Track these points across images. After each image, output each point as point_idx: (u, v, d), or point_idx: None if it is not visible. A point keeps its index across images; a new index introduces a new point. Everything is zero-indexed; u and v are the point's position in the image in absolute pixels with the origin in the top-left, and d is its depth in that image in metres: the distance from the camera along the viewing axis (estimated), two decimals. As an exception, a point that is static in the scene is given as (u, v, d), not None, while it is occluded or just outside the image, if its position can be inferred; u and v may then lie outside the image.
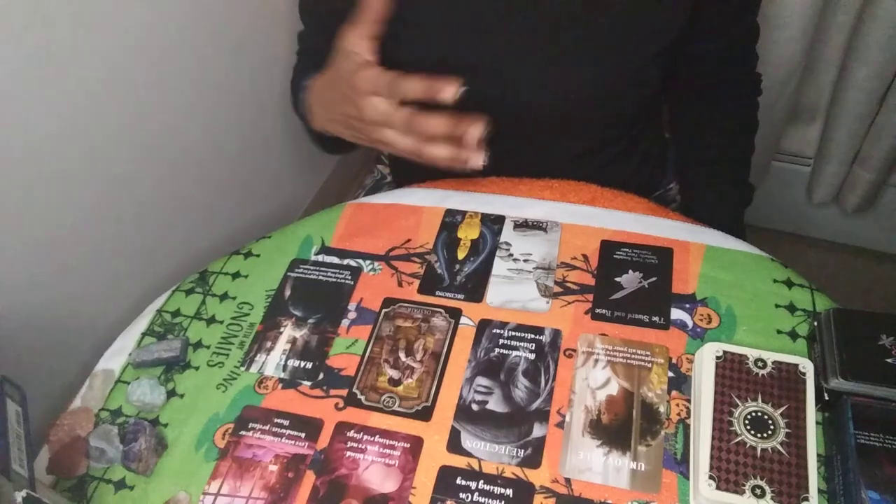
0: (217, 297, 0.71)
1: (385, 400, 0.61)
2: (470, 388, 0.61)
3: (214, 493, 0.57)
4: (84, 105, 0.72)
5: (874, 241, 1.42)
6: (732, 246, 0.69)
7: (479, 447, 0.57)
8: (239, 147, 1.00)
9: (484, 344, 0.64)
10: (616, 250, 0.69)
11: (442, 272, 0.70)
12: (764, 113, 0.83)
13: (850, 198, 1.31)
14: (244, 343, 0.67)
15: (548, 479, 0.55)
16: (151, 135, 0.82)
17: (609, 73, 0.71)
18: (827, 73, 1.16)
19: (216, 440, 0.60)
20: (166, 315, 0.71)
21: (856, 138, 1.20)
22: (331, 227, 0.76)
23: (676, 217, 0.72)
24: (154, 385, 0.63)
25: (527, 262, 0.70)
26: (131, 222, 0.82)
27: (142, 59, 0.77)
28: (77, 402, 0.65)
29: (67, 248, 0.74)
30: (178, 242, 0.91)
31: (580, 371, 0.61)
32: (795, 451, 0.52)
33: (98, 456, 0.59)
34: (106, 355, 0.68)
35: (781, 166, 1.35)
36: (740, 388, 0.56)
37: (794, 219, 1.44)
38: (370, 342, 0.65)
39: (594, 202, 0.74)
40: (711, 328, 0.63)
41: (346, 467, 0.57)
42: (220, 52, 0.91)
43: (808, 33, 1.06)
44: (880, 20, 1.01)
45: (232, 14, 0.92)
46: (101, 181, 0.76)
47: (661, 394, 0.59)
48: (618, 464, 0.55)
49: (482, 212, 0.75)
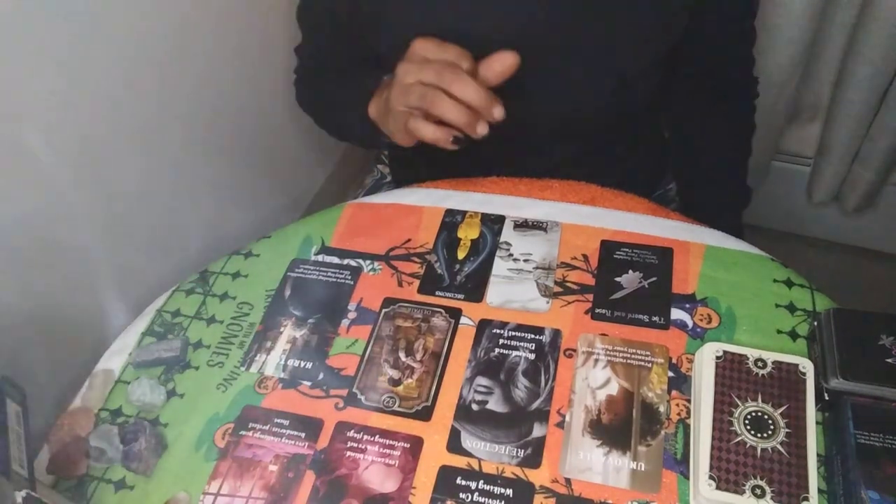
0: (217, 297, 0.71)
1: (385, 400, 0.61)
2: (470, 387, 0.61)
3: (214, 493, 0.57)
4: (84, 104, 0.72)
5: (874, 241, 1.42)
6: (732, 246, 0.69)
7: (479, 447, 0.57)
8: (239, 147, 1.00)
9: (484, 344, 0.64)
10: (616, 250, 0.69)
11: (442, 272, 0.70)
12: (764, 113, 0.83)
13: (850, 197, 1.31)
14: (244, 343, 0.67)
15: (548, 479, 0.55)
16: (152, 135, 0.82)
17: (607, 77, 0.71)
18: (827, 73, 1.16)
19: (216, 440, 0.60)
20: (166, 315, 0.71)
21: (856, 138, 1.20)
22: (331, 226, 0.76)
23: (676, 217, 0.72)
24: (154, 385, 0.63)
25: (527, 262, 0.70)
26: (131, 222, 0.82)
27: (142, 59, 0.77)
28: (77, 402, 0.65)
29: (68, 247, 0.74)
30: (178, 242, 0.91)
31: (580, 371, 0.61)
32: (795, 451, 0.52)
33: (98, 456, 0.59)
34: (106, 355, 0.68)
35: (781, 166, 1.35)
36: (740, 388, 0.56)
37: (794, 219, 1.44)
38: (370, 342, 0.65)
39: (594, 202, 0.74)
40: (711, 328, 0.63)
41: (346, 467, 0.57)
42: (221, 53, 0.91)
43: (808, 33, 1.06)
44: (880, 20, 1.01)
45: (234, 16, 0.92)
46: (101, 181, 0.76)
47: (661, 394, 0.59)
48: (618, 464, 0.55)
49: (482, 212, 0.75)
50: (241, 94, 0.98)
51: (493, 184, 0.78)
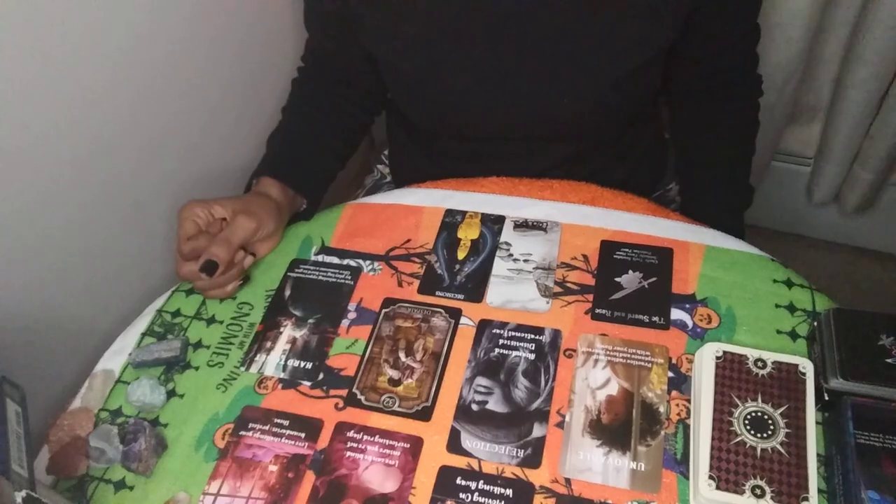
0: (217, 297, 0.71)
1: (385, 400, 0.61)
2: (470, 388, 0.61)
3: (214, 493, 0.57)
4: (84, 105, 0.72)
5: (874, 241, 1.42)
6: (732, 246, 0.69)
7: (479, 447, 0.57)
8: (239, 147, 1.00)
9: (484, 344, 0.64)
10: (616, 250, 0.69)
11: (442, 272, 0.70)
12: (764, 113, 0.83)
13: (850, 198, 1.31)
14: (244, 343, 0.67)
15: (548, 479, 0.55)
16: (151, 135, 0.82)
17: (604, 79, 0.71)
18: (827, 73, 1.16)
19: (216, 440, 0.60)
20: (166, 315, 0.71)
21: (856, 138, 1.20)
22: (331, 227, 0.76)
23: (676, 217, 0.72)
24: (154, 385, 0.63)
25: (527, 262, 0.70)
26: (131, 222, 0.82)
27: (142, 59, 0.77)
28: (77, 402, 0.65)
29: (67, 248, 0.74)
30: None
31: (580, 371, 0.61)
32: (795, 451, 0.52)
33: (98, 456, 0.59)
34: (106, 355, 0.68)
35: (781, 166, 1.35)
36: (740, 388, 0.56)
37: (794, 219, 1.44)
38: (370, 342, 0.65)
39: (594, 202, 0.74)
40: (711, 328, 0.63)
41: (346, 467, 0.57)
42: (222, 53, 0.91)
43: (808, 33, 1.06)
44: (880, 20, 1.01)
45: (236, 17, 0.92)
46: (101, 181, 0.76)
47: (661, 394, 0.59)
48: (618, 464, 0.55)
49: (482, 212, 0.75)
50: (242, 94, 0.98)
51: (493, 184, 0.78)
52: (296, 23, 0.84)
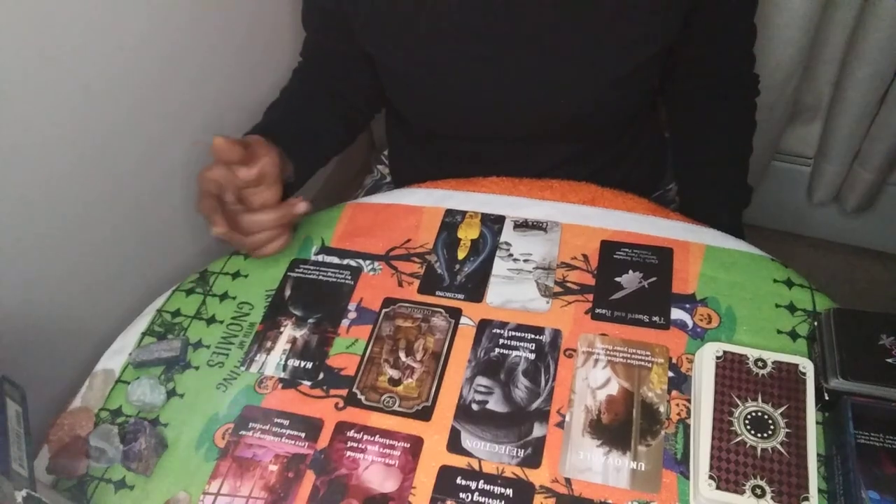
0: (217, 296, 0.71)
1: (385, 400, 0.61)
2: (470, 387, 0.61)
3: (214, 493, 0.57)
4: (84, 105, 0.72)
5: (874, 241, 1.42)
6: (732, 246, 0.69)
7: (479, 447, 0.57)
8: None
9: (484, 344, 0.64)
10: (616, 250, 0.69)
11: (442, 272, 0.70)
12: (764, 113, 0.83)
13: (850, 198, 1.31)
14: (244, 343, 0.67)
15: (548, 478, 0.55)
16: (151, 135, 0.82)
17: (604, 78, 0.71)
18: (827, 73, 1.16)
19: (216, 440, 0.60)
20: (166, 315, 0.71)
21: (856, 138, 1.20)
22: (331, 226, 0.76)
23: (676, 217, 0.72)
24: (154, 385, 0.63)
25: (527, 262, 0.70)
26: (131, 222, 0.82)
27: (142, 59, 0.77)
28: (77, 402, 0.65)
29: (67, 248, 0.74)
30: (178, 242, 0.91)
31: (580, 371, 0.61)
32: (795, 451, 0.52)
33: (98, 456, 0.59)
34: (106, 355, 0.68)
35: (781, 166, 1.35)
36: (740, 387, 0.56)
37: (794, 219, 1.44)
38: (370, 342, 0.65)
39: (594, 202, 0.74)
40: (711, 328, 0.63)
41: (346, 467, 0.57)
42: (221, 54, 0.91)
43: (808, 33, 1.06)
44: (880, 20, 1.01)
45: (236, 17, 0.92)
46: (101, 181, 0.76)
47: (661, 394, 0.59)
48: (618, 464, 0.55)
49: (482, 212, 0.75)
50: (242, 94, 0.98)
51: (493, 184, 0.78)
52: (296, 23, 0.84)
